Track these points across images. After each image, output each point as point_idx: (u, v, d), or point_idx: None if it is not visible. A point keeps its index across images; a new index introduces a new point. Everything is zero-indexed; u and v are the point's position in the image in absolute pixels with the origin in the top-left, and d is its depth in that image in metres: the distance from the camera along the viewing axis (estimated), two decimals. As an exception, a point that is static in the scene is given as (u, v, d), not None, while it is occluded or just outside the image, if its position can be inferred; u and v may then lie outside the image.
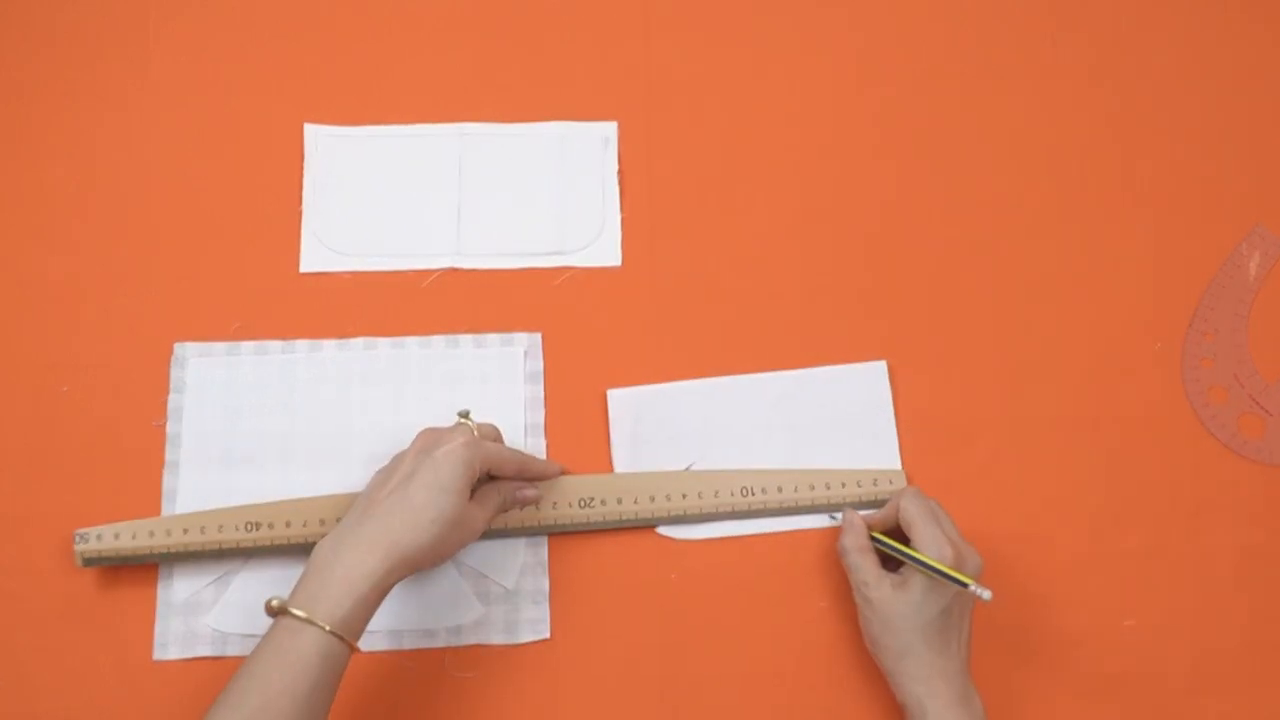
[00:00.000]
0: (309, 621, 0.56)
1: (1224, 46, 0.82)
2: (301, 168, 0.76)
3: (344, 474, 0.70)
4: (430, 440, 0.64)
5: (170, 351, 0.72)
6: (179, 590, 0.67)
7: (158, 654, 0.67)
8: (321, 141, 0.77)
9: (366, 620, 0.58)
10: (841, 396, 0.73)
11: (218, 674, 0.66)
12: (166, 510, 0.69)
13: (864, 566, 0.66)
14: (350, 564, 0.58)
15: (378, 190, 0.76)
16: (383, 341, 0.73)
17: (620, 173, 0.77)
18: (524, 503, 0.68)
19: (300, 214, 0.75)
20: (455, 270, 0.75)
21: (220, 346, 0.72)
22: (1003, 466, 0.72)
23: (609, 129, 0.78)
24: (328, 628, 0.56)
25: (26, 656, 0.66)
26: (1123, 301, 0.76)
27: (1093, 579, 0.70)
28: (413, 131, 0.77)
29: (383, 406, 0.71)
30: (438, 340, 0.73)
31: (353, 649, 0.57)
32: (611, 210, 0.76)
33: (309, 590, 0.57)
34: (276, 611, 0.57)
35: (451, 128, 0.78)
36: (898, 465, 0.72)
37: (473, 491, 0.64)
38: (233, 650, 0.67)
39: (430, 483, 0.61)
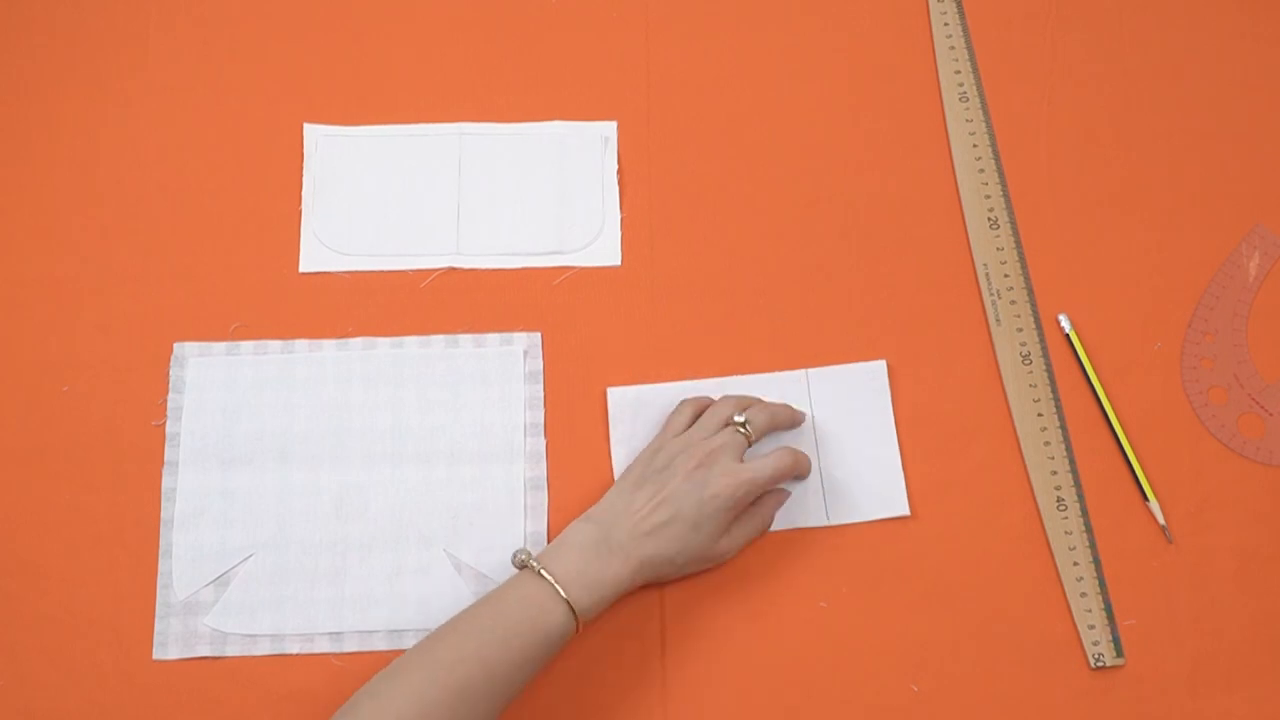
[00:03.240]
0: (534, 572, 0.62)
1: (1224, 46, 0.82)
2: (301, 168, 0.76)
3: (343, 474, 0.70)
4: (701, 457, 0.66)
5: (170, 351, 0.72)
6: (179, 590, 0.67)
7: (158, 654, 0.67)
8: (321, 141, 0.77)
9: (599, 608, 0.63)
10: (841, 396, 0.73)
11: (218, 674, 0.66)
12: (166, 510, 0.69)
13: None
14: (601, 568, 0.63)
15: (377, 190, 0.76)
16: (382, 341, 0.73)
17: (620, 173, 0.77)
18: (777, 507, 0.70)
19: (300, 214, 0.75)
20: (454, 270, 0.75)
21: (220, 346, 0.72)
22: (1003, 466, 0.72)
23: (609, 129, 0.78)
24: (542, 573, 0.61)
25: (27, 656, 0.66)
26: (1122, 301, 0.76)
27: (1092, 579, 0.70)
28: (412, 131, 0.77)
29: (382, 406, 0.71)
30: (437, 340, 0.73)
31: (576, 615, 0.62)
32: (611, 210, 0.76)
33: (553, 553, 0.63)
34: (522, 565, 0.63)
35: (451, 128, 0.78)
36: (897, 466, 0.71)
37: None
38: (233, 650, 0.67)
39: (693, 521, 0.64)
